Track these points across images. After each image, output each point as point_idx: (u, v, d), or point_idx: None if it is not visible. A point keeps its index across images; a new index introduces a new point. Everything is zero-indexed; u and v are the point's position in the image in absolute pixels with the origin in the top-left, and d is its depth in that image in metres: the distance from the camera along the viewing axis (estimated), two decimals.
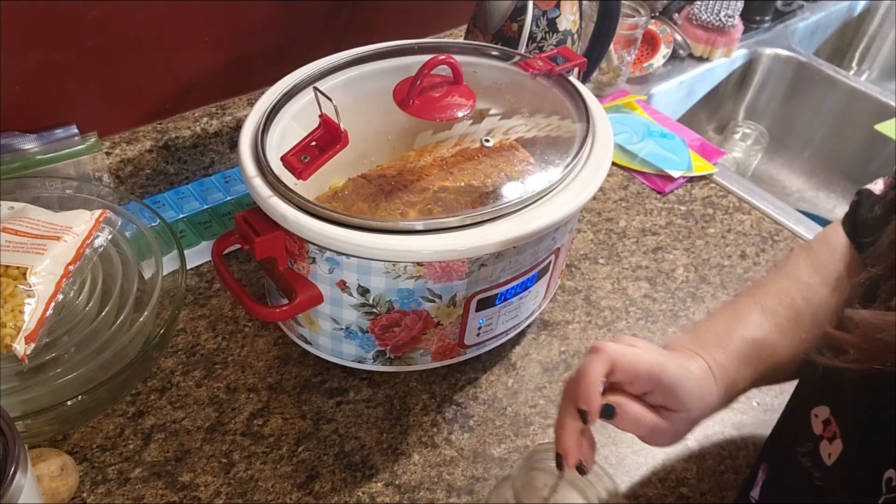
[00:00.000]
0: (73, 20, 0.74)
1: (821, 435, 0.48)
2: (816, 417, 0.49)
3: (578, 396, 0.47)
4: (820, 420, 0.49)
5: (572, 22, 0.89)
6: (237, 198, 0.86)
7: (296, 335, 0.69)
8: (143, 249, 0.70)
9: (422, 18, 1.04)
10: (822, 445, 0.48)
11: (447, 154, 0.67)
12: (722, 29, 1.19)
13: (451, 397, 0.70)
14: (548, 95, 0.73)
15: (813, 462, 0.49)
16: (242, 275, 0.79)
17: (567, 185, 0.63)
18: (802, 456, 0.50)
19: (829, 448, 0.47)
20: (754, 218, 0.94)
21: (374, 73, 0.73)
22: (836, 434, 0.47)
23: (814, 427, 0.49)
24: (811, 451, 0.49)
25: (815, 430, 0.49)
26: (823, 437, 0.48)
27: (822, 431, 0.48)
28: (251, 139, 0.63)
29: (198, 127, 0.87)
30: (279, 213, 0.58)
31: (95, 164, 0.79)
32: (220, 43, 0.86)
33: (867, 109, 1.25)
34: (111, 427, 0.65)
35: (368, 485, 0.63)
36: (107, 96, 0.82)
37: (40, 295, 0.60)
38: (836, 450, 0.47)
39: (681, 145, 1.01)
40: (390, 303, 0.62)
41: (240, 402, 0.68)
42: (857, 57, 1.58)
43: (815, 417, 0.49)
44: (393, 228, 0.58)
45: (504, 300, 0.66)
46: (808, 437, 0.49)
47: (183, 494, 0.61)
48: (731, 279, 0.85)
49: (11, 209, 0.67)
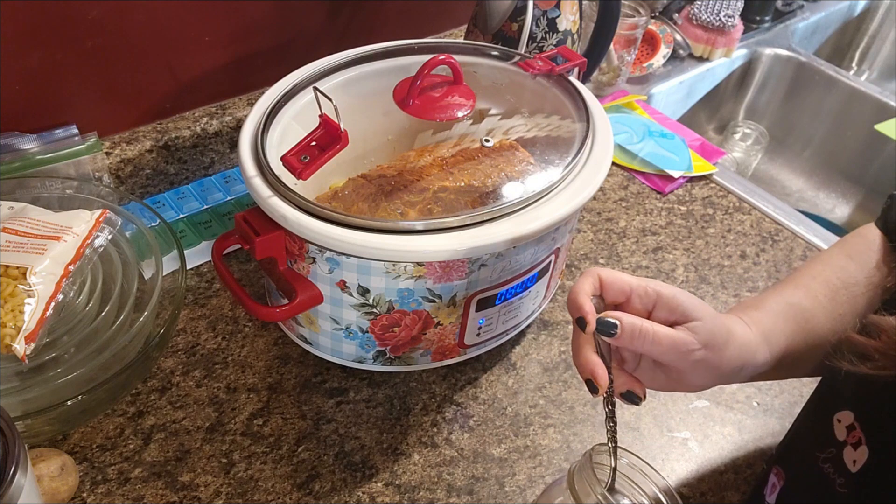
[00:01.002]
0: (73, 20, 0.74)
1: (844, 441, 0.47)
2: (839, 423, 0.48)
3: (571, 309, 0.48)
4: (843, 425, 0.47)
5: (572, 22, 0.89)
6: (237, 198, 0.86)
7: (296, 335, 0.69)
8: (143, 249, 0.70)
9: (422, 18, 1.04)
10: (845, 451, 0.46)
11: (447, 154, 0.67)
12: (722, 29, 1.19)
13: (451, 397, 0.70)
14: (548, 95, 0.73)
15: (835, 468, 0.47)
16: (242, 275, 0.79)
17: (567, 185, 0.63)
18: (823, 462, 0.48)
19: (854, 455, 0.46)
20: (754, 218, 0.94)
21: (374, 73, 0.73)
22: (861, 440, 0.46)
23: (836, 433, 0.48)
24: (834, 457, 0.47)
25: (838, 436, 0.47)
26: (847, 442, 0.47)
27: (845, 437, 0.47)
28: (251, 139, 0.63)
29: (198, 127, 0.87)
30: (279, 213, 0.58)
31: (95, 164, 0.79)
32: (220, 43, 0.86)
33: (867, 109, 1.25)
34: (111, 427, 0.65)
35: (368, 485, 0.63)
36: (107, 96, 0.82)
37: (40, 295, 0.60)
38: (862, 456, 0.45)
39: (681, 145, 1.01)
40: (390, 303, 0.62)
41: (240, 402, 0.68)
42: (857, 57, 1.58)
43: (837, 423, 0.48)
44: (393, 228, 0.58)
45: (504, 300, 0.66)
46: (830, 443, 0.48)
47: (183, 494, 0.61)
48: (731, 279, 0.85)
49: (11, 209, 0.67)
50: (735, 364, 0.51)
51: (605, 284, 0.49)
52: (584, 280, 0.49)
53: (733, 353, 0.50)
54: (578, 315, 0.48)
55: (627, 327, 0.47)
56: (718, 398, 0.72)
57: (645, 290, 0.49)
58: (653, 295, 0.49)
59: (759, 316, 0.54)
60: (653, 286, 0.49)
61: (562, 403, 0.70)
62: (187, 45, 0.84)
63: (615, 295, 0.50)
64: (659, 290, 0.49)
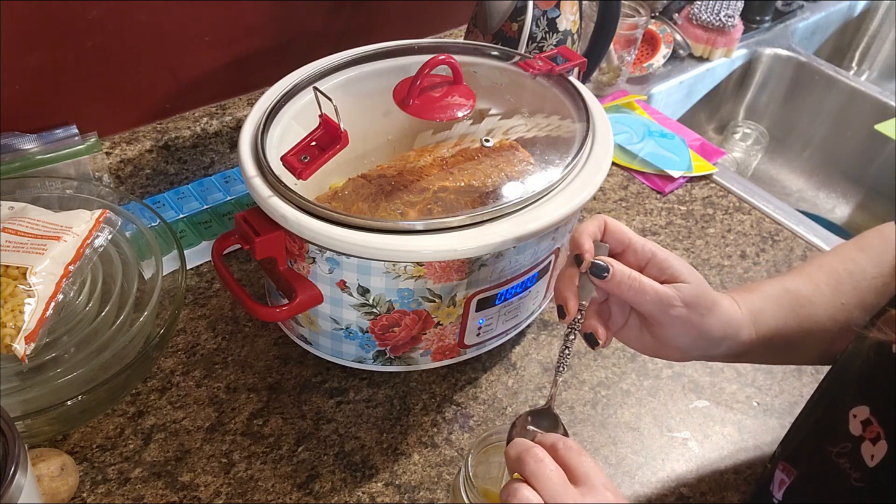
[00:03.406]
0: (73, 20, 0.74)
1: (861, 436, 0.47)
2: (855, 418, 0.48)
3: (573, 245, 0.52)
4: (859, 420, 0.48)
5: (572, 22, 0.89)
6: (237, 198, 0.86)
7: (296, 335, 0.69)
8: (143, 249, 0.70)
9: (422, 18, 1.04)
10: (864, 447, 0.47)
11: (447, 154, 0.67)
12: (722, 29, 1.19)
13: (451, 397, 0.70)
14: (548, 95, 0.73)
15: (852, 463, 0.47)
16: (242, 275, 0.79)
17: (567, 185, 0.63)
18: (838, 457, 0.49)
19: (873, 449, 0.46)
20: (754, 218, 0.94)
21: (374, 73, 0.73)
22: (879, 435, 0.46)
23: (851, 427, 0.48)
24: (850, 451, 0.48)
25: (854, 431, 0.48)
26: (865, 437, 0.47)
27: (861, 432, 0.47)
28: (251, 139, 0.63)
29: (198, 127, 0.87)
30: (279, 213, 0.58)
31: (95, 164, 0.79)
32: (220, 43, 0.86)
33: (867, 109, 1.25)
34: (111, 427, 0.65)
35: (368, 485, 0.63)
36: (107, 96, 0.82)
37: (40, 295, 0.60)
38: (881, 451, 0.45)
39: (681, 145, 1.01)
40: (390, 303, 0.62)
41: (240, 402, 0.68)
42: (857, 57, 1.58)
43: (853, 418, 0.48)
44: (393, 228, 0.58)
45: (504, 300, 0.66)
46: (845, 438, 0.48)
47: (183, 494, 0.61)
48: (731, 279, 0.85)
49: (11, 209, 0.67)
50: (717, 333, 0.53)
51: (608, 230, 0.53)
52: (590, 222, 0.53)
53: (715, 321, 0.53)
54: (577, 252, 0.52)
55: (618, 273, 0.51)
56: (718, 398, 0.72)
57: (642, 246, 0.52)
58: (648, 253, 0.52)
59: (752, 297, 0.57)
60: (650, 246, 0.52)
61: (561, 403, 0.70)
62: (187, 45, 0.84)
63: (615, 244, 0.53)
64: (654, 251, 0.52)
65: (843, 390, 0.52)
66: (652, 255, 0.52)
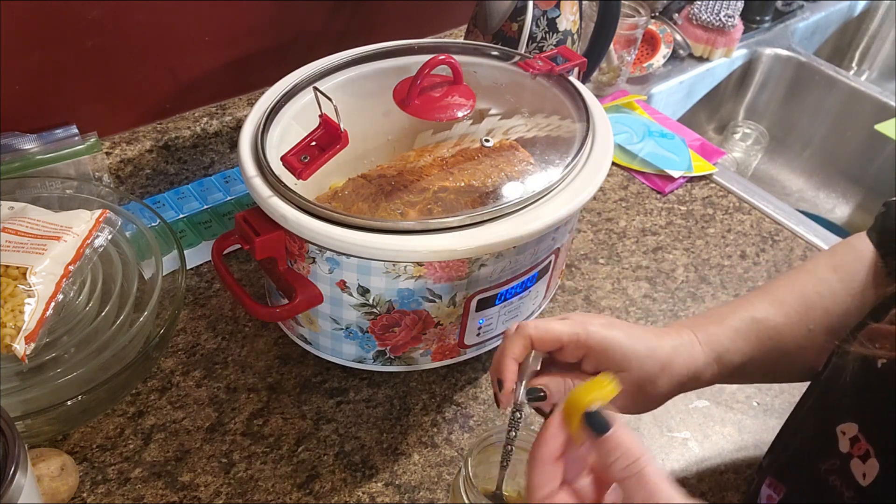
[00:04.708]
0: (73, 20, 0.74)
1: (849, 453, 0.47)
2: (843, 435, 0.48)
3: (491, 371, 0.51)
4: (847, 437, 0.47)
5: (572, 22, 0.89)
6: (237, 198, 0.86)
7: (296, 335, 0.69)
8: (143, 249, 0.70)
9: (422, 18, 1.04)
10: (852, 464, 0.46)
11: (447, 154, 0.67)
12: (722, 29, 1.19)
13: (451, 397, 0.70)
14: (548, 95, 0.73)
15: (843, 481, 0.47)
16: (242, 275, 0.79)
17: (567, 185, 0.63)
18: (828, 473, 0.48)
19: (864, 467, 0.46)
20: (754, 218, 0.94)
21: (374, 73, 0.73)
22: (869, 453, 0.45)
23: (840, 444, 0.48)
24: (839, 468, 0.47)
25: (842, 448, 0.47)
26: (853, 455, 0.46)
27: (849, 449, 0.47)
28: (251, 139, 0.63)
29: (198, 127, 0.87)
30: (279, 213, 0.58)
31: (95, 164, 0.79)
32: (220, 43, 0.86)
33: (867, 109, 1.25)
34: (111, 427, 0.65)
35: (368, 485, 0.63)
36: (107, 96, 0.82)
37: (40, 295, 0.60)
38: (873, 469, 0.45)
39: (681, 145, 1.01)
40: (390, 303, 0.62)
41: (240, 402, 0.68)
42: (857, 57, 1.58)
43: (841, 435, 0.48)
44: (393, 228, 0.58)
45: (504, 300, 0.66)
46: (833, 455, 0.48)
47: (183, 494, 0.61)
48: (731, 279, 0.85)
49: (11, 209, 0.67)
50: (673, 388, 0.53)
51: (535, 341, 0.50)
52: (512, 343, 0.50)
53: (667, 381, 0.53)
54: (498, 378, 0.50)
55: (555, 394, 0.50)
56: (718, 398, 0.72)
57: (576, 342, 0.50)
58: (583, 348, 0.50)
59: (718, 333, 0.55)
60: (584, 338, 0.50)
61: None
62: (187, 45, 0.84)
63: (548, 347, 0.51)
64: (589, 344, 0.50)
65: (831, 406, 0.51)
66: (587, 349, 0.50)
